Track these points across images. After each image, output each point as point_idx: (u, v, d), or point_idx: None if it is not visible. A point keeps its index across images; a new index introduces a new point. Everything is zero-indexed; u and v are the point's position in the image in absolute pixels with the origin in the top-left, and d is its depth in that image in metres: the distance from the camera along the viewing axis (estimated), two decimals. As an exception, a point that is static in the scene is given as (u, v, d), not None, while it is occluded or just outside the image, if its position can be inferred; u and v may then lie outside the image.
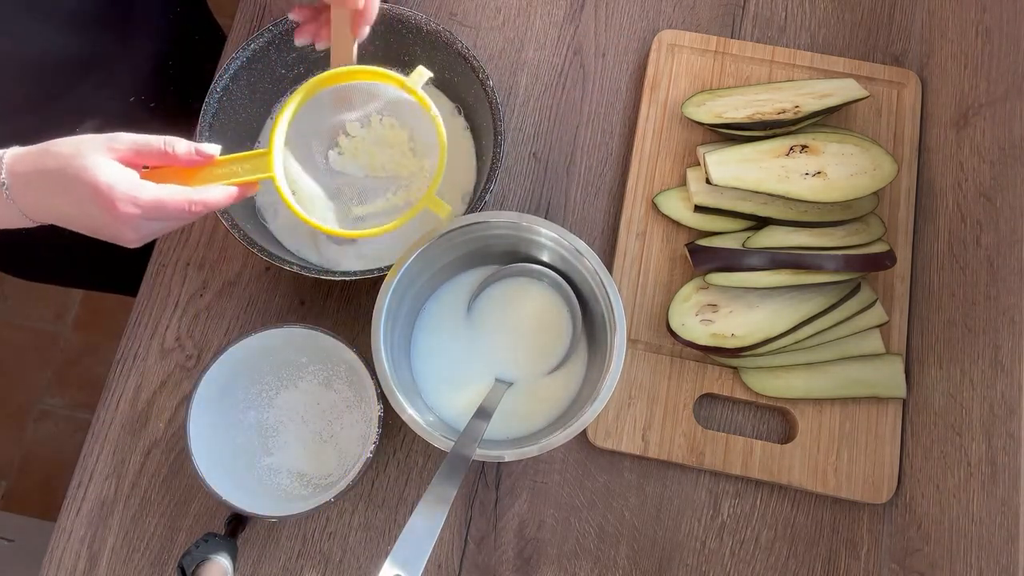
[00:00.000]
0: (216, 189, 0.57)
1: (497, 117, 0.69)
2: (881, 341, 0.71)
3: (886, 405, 0.70)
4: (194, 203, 0.55)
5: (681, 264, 0.74)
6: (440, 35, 0.71)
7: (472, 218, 0.61)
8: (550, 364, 0.66)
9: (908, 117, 0.77)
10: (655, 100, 0.79)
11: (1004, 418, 0.58)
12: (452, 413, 0.64)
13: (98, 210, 0.53)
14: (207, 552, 0.58)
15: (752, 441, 0.69)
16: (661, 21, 0.83)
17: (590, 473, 0.71)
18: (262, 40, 0.71)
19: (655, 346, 0.72)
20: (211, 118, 0.69)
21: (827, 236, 0.71)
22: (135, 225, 0.54)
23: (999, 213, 0.64)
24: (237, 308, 0.74)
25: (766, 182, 0.70)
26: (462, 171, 0.75)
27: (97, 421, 0.71)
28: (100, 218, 0.54)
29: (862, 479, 0.68)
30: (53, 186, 0.53)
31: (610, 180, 0.79)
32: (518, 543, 0.69)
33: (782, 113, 0.73)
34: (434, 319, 0.67)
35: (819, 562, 0.68)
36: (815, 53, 0.80)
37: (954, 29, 0.75)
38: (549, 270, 0.66)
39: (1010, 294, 0.60)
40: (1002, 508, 0.57)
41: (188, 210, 0.55)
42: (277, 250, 0.70)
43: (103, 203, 0.53)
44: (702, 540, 0.69)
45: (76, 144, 0.53)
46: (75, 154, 0.53)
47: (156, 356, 0.73)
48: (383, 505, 0.69)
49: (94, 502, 0.69)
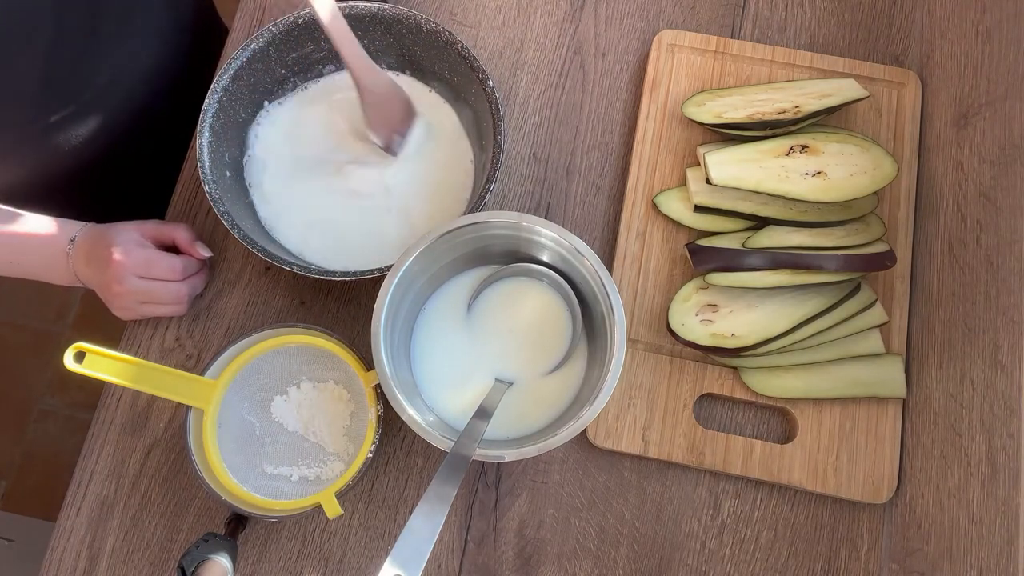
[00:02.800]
0: (200, 276, 0.72)
1: (497, 117, 0.69)
2: (881, 341, 0.71)
3: (886, 405, 0.70)
4: (175, 269, 0.68)
5: (681, 264, 0.74)
6: (440, 35, 0.71)
7: (472, 218, 0.61)
8: (550, 364, 0.66)
9: (908, 117, 0.77)
10: (655, 100, 0.79)
11: (1004, 418, 0.58)
12: (452, 413, 0.64)
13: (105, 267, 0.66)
14: (207, 552, 0.58)
15: (752, 441, 0.69)
16: (661, 21, 0.83)
17: (590, 473, 0.70)
18: (262, 40, 0.71)
19: (655, 346, 0.72)
20: (211, 118, 0.69)
21: (827, 236, 0.71)
22: (122, 276, 0.66)
23: (999, 213, 0.64)
24: (237, 308, 0.74)
25: (766, 182, 0.70)
26: (462, 171, 0.75)
27: (97, 421, 0.71)
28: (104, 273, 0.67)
29: (862, 479, 0.68)
30: (90, 257, 0.67)
31: (610, 180, 0.79)
32: (518, 543, 0.69)
33: (782, 113, 0.73)
34: (434, 319, 0.67)
35: (819, 562, 0.68)
36: (815, 53, 0.80)
37: (954, 29, 0.75)
38: (549, 270, 0.66)
39: (1010, 294, 0.60)
40: (1002, 508, 0.57)
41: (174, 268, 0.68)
42: (277, 250, 0.70)
43: (108, 257, 0.66)
44: (702, 540, 0.69)
45: (120, 225, 0.69)
46: (114, 231, 0.68)
47: (156, 356, 0.73)
48: (383, 505, 0.69)
49: (94, 502, 0.69)
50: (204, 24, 0.89)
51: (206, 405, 0.63)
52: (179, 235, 0.70)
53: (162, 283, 0.68)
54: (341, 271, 0.65)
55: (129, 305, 0.68)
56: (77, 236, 0.68)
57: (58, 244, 0.68)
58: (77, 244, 0.68)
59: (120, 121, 0.77)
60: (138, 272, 0.66)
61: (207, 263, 0.73)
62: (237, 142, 0.73)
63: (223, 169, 0.70)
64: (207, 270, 0.74)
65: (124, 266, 0.66)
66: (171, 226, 0.71)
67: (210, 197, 0.66)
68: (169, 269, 0.68)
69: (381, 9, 0.72)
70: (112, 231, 0.68)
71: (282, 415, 0.65)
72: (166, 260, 0.68)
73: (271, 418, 0.65)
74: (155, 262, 0.68)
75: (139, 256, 0.67)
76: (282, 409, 0.65)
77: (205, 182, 0.66)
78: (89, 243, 0.67)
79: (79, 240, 0.68)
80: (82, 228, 0.69)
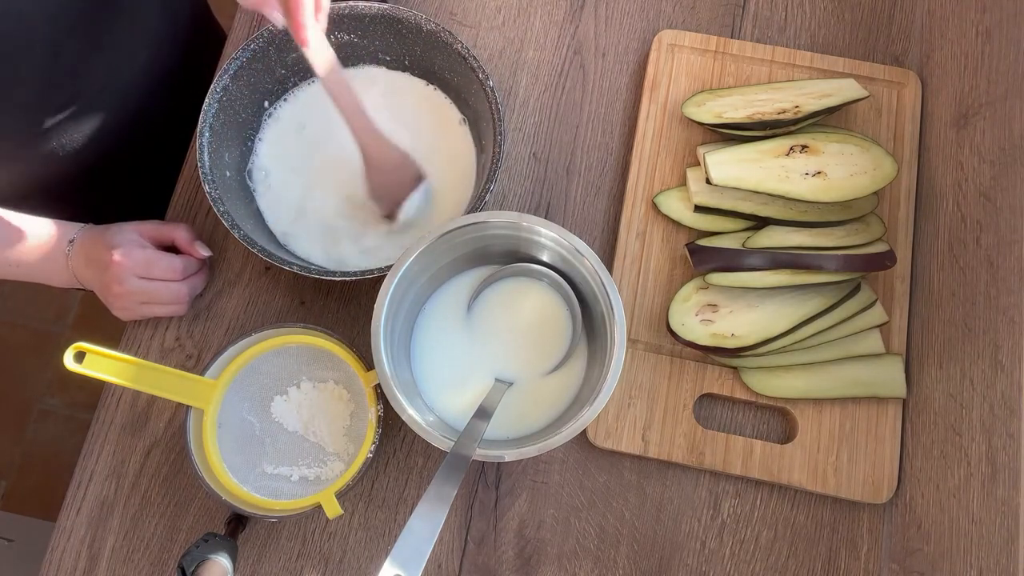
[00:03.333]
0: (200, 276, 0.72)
1: (497, 117, 0.69)
2: (881, 341, 0.71)
3: (886, 405, 0.70)
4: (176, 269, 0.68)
5: (681, 264, 0.74)
6: (440, 35, 0.71)
7: (472, 218, 0.61)
8: (550, 364, 0.66)
9: (908, 117, 0.77)
10: (655, 100, 0.79)
11: (1004, 418, 0.58)
12: (452, 413, 0.64)
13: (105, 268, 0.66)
14: (207, 552, 0.58)
15: (752, 441, 0.69)
16: (661, 21, 0.83)
17: (590, 473, 0.70)
18: (262, 40, 0.71)
19: (655, 346, 0.72)
20: (211, 118, 0.69)
21: (827, 236, 0.71)
22: (122, 277, 0.66)
23: (999, 213, 0.64)
24: (237, 308, 0.74)
25: (766, 182, 0.70)
26: (462, 171, 0.75)
27: (97, 421, 0.71)
28: (104, 274, 0.66)
29: (862, 479, 0.68)
30: (90, 258, 0.67)
31: (610, 180, 0.79)
32: (518, 543, 0.69)
33: (782, 113, 0.73)
34: (434, 319, 0.67)
35: (819, 562, 0.68)
36: (815, 53, 0.80)
37: (954, 29, 0.75)
38: (549, 270, 0.66)
39: (1010, 294, 0.60)
40: (1002, 508, 0.57)
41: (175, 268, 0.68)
42: (277, 250, 0.70)
43: (108, 258, 0.66)
44: (702, 540, 0.69)
45: (119, 226, 0.69)
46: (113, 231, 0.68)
47: (156, 356, 0.73)
48: (383, 505, 0.69)
49: (94, 502, 0.69)
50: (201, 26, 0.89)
51: (206, 405, 0.63)
52: (178, 235, 0.70)
53: (162, 283, 0.68)
54: (341, 271, 0.65)
55: (129, 306, 0.68)
56: (76, 237, 0.68)
57: (57, 246, 0.67)
58: (76, 246, 0.67)
59: (119, 122, 0.76)
60: (138, 272, 0.66)
61: (207, 263, 0.73)
62: (237, 142, 0.73)
63: (223, 169, 0.70)
64: (207, 270, 0.74)
65: (124, 267, 0.66)
66: (170, 226, 0.71)
67: (210, 197, 0.66)
68: (169, 269, 0.68)
69: (381, 9, 0.72)
70: (111, 232, 0.68)
71: (282, 415, 0.65)
72: (166, 260, 0.68)
73: (271, 418, 0.65)
74: (155, 262, 0.68)
75: (139, 256, 0.67)
76: (282, 409, 0.65)
77: (205, 182, 0.66)
78: (88, 244, 0.67)
79: (78, 242, 0.68)
80: (80, 229, 0.69)
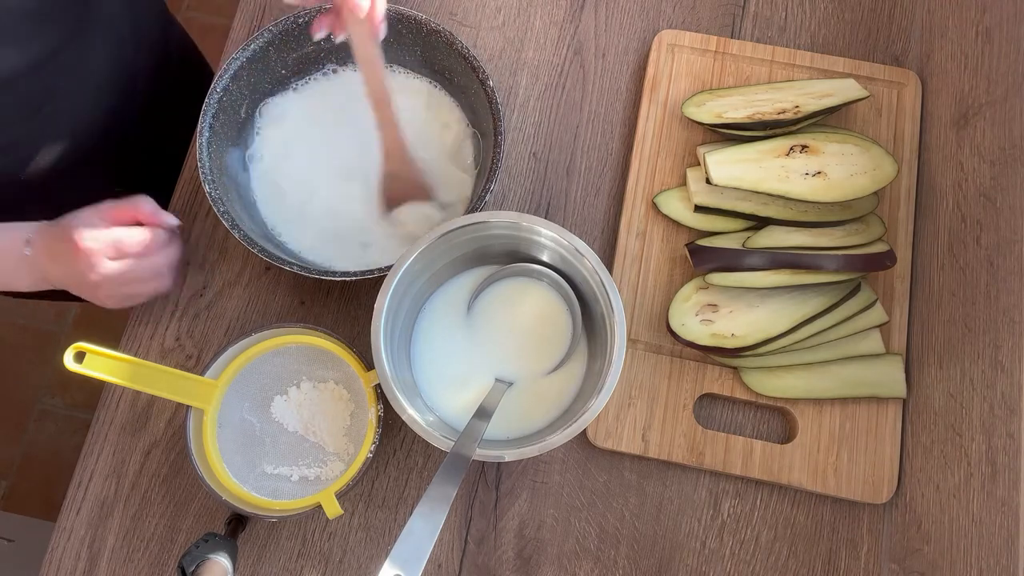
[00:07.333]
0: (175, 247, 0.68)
1: (497, 117, 0.69)
2: (881, 341, 0.71)
3: (886, 405, 0.70)
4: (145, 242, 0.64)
5: (681, 264, 0.74)
6: (440, 35, 0.71)
7: (472, 218, 0.61)
8: (550, 364, 0.66)
9: (908, 117, 0.77)
10: (655, 100, 0.79)
11: (1004, 418, 0.58)
12: (452, 413, 0.64)
13: (73, 259, 0.62)
14: (207, 552, 0.58)
15: (752, 441, 0.69)
16: (661, 21, 0.83)
17: (590, 473, 0.70)
18: (262, 40, 0.71)
19: (655, 346, 0.72)
20: (211, 118, 0.69)
21: (827, 236, 0.71)
22: (94, 262, 0.62)
23: (999, 213, 0.64)
24: (237, 308, 0.74)
25: (766, 182, 0.70)
26: (462, 171, 0.75)
27: (97, 421, 0.71)
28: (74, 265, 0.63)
29: (862, 479, 0.68)
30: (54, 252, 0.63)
31: (610, 180, 0.79)
32: (518, 543, 0.69)
33: (782, 113, 0.73)
34: (434, 319, 0.67)
35: (819, 562, 0.68)
36: (815, 53, 0.80)
37: (954, 29, 0.75)
38: (549, 270, 0.66)
39: (1010, 294, 0.60)
40: (1002, 508, 0.57)
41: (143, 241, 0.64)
42: (277, 250, 0.70)
43: (74, 248, 0.62)
44: (702, 540, 0.69)
45: (76, 214, 0.64)
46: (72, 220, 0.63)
47: (156, 356, 0.73)
48: (383, 505, 0.69)
49: (94, 502, 0.69)
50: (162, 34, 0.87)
51: (206, 405, 0.63)
52: (141, 208, 0.66)
53: (136, 260, 0.65)
54: (341, 271, 0.65)
55: (112, 292, 0.65)
56: (33, 237, 0.64)
57: (12, 249, 0.64)
58: (35, 244, 0.64)
59: (117, 122, 0.76)
60: (108, 254, 0.63)
61: (178, 232, 0.70)
62: (238, 142, 0.73)
63: (223, 169, 0.70)
64: (180, 240, 0.70)
65: (93, 251, 0.62)
66: (130, 202, 0.66)
67: (210, 197, 0.66)
68: (139, 243, 0.64)
69: (381, 9, 0.72)
70: (70, 221, 0.64)
71: (282, 415, 0.65)
72: (133, 234, 0.64)
73: (271, 418, 0.65)
74: (122, 239, 0.63)
75: (105, 237, 0.62)
76: (282, 409, 0.65)
77: (205, 182, 0.66)
78: (49, 239, 0.64)
79: (36, 240, 0.64)
80: (36, 228, 0.65)
